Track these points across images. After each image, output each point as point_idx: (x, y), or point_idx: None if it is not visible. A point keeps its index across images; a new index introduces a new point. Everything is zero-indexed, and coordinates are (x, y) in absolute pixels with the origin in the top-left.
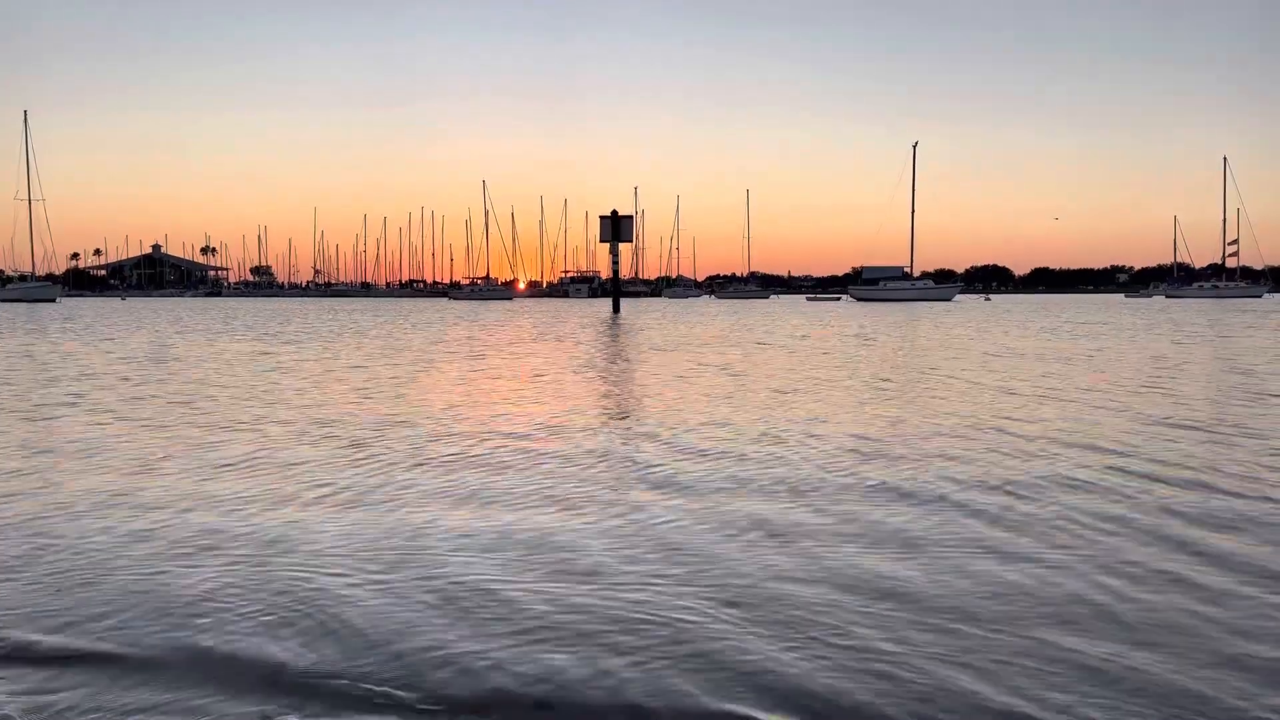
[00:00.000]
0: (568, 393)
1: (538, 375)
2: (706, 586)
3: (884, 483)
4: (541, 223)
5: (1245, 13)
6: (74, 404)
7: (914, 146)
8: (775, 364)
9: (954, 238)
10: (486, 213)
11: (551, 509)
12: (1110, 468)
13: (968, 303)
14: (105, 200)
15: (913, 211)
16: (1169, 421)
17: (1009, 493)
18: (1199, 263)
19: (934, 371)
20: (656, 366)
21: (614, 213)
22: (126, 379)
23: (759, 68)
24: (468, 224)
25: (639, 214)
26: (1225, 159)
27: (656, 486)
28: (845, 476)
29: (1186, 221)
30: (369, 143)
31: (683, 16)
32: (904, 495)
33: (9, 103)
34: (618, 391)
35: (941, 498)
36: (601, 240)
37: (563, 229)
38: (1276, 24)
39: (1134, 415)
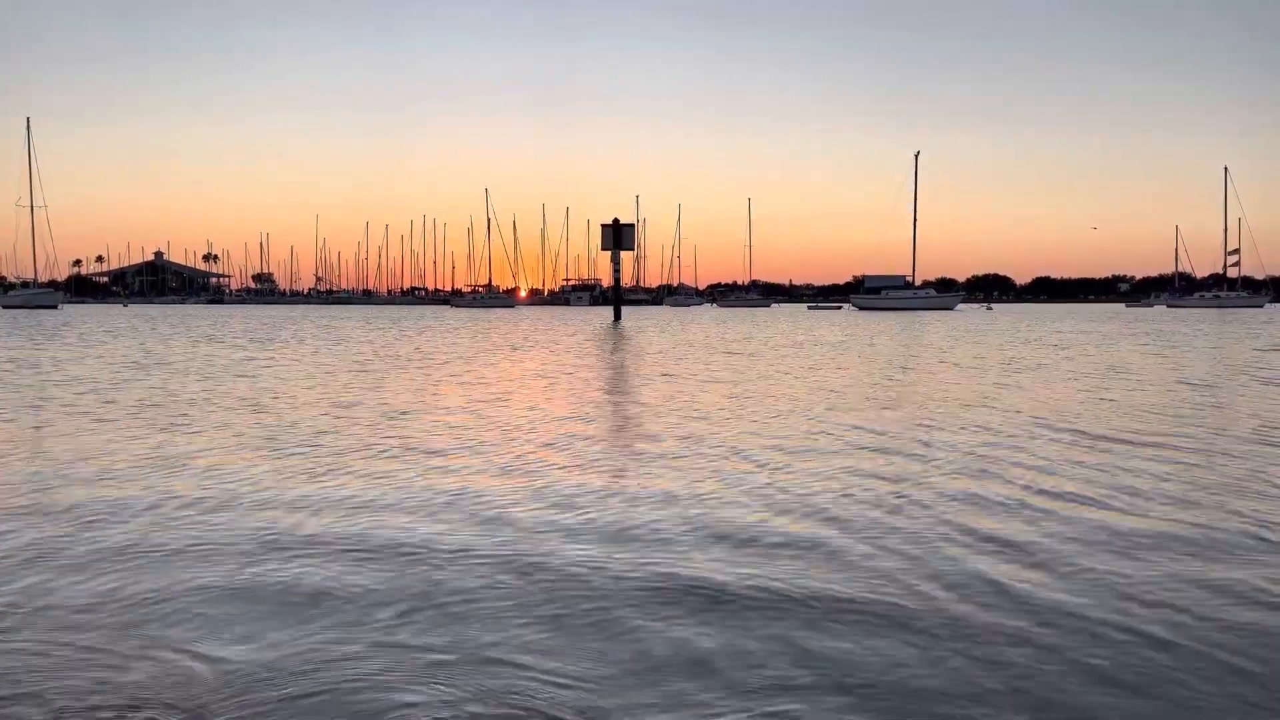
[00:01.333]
0: (519, 396)
1: (506, 381)
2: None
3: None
4: (543, 231)
5: (1246, 23)
6: (40, 406)
7: (916, 155)
8: (745, 371)
9: (956, 247)
10: (489, 220)
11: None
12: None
13: (969, 312)
14: (107, 207)
15: (914, 220)
16: (1073, 430)
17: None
18: (1200, 272)
19: (883, 382)
20: (621, 374)
21: (615, 221)
22: (94, 382)
23: (761, 76)
24: (469, 232)
25: (640, 222)
26: (1226, 169)
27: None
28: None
29: (1188, 231)
30: (372, 150)
31: (685, 25)
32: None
33: (11, 109)
34: (568, 399)
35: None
36: (603, 248)
37: (564, 237)
38: (1278, 34)
39: (1046, 426)
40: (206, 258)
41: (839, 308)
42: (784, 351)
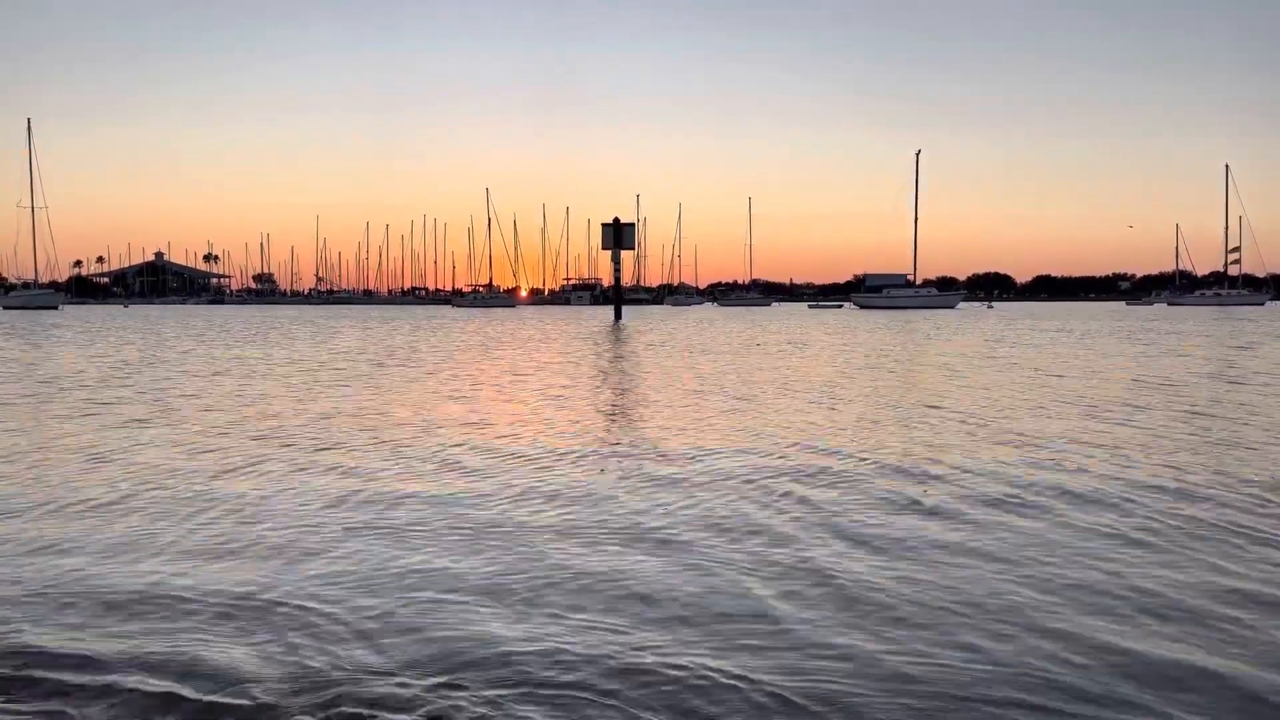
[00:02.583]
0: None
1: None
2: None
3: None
4: (544, 230)
5: (1246, 23)
6: (14, 404)
7: (917, 154)
8: (707, 371)
9: (956, 246)
10: (489, 220)
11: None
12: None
13: (970, 310)
14: (108, 208)
15: (915, 219)
16: (997, 430)
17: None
18: (1201, 270)
19: (837, 381)
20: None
21: (616, 220)
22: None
23: (761, 76)
24: (470, 231)
25: (641, 222)
26: (1227, 167)
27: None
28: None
29: (1189, 230)
30: (372, 150)
31: (685, 25)
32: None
33: (12, 110)
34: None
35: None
36: (604, 248)
37: (565, 236)
38: (1278, 33)
39: (978, 428)
40: (207, 258)
41: (840, 306)
42: (769, 350)
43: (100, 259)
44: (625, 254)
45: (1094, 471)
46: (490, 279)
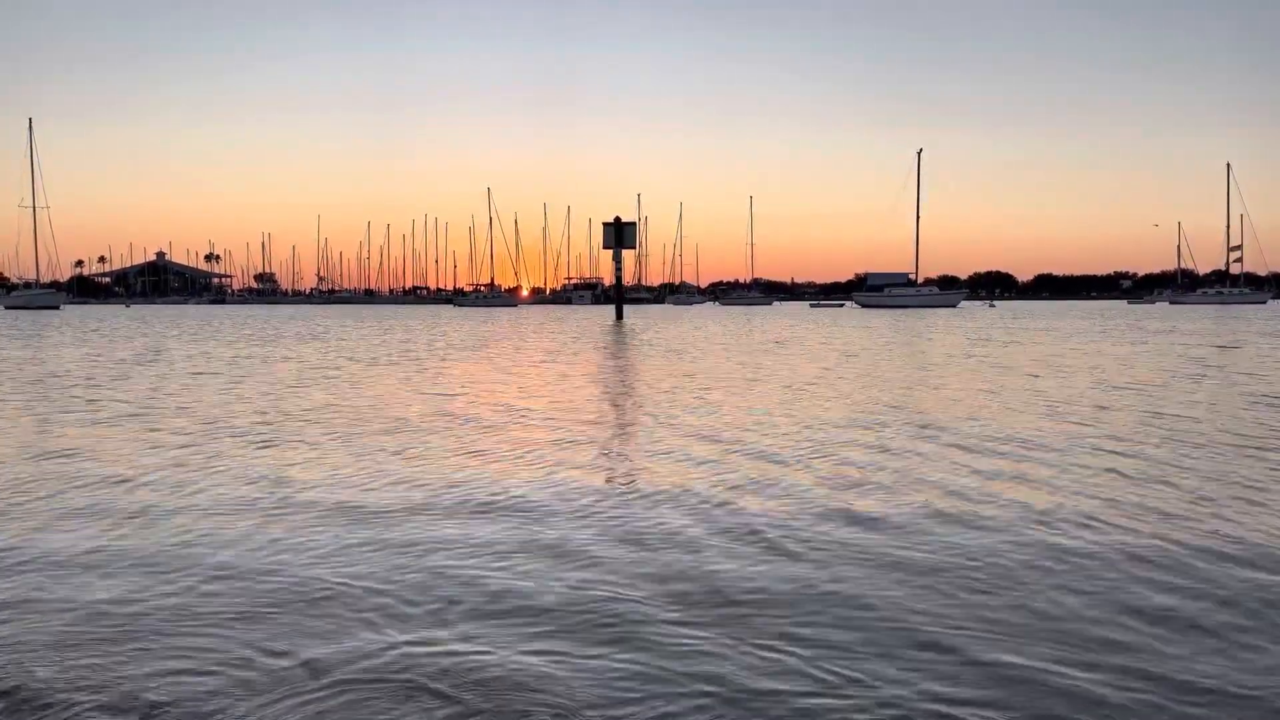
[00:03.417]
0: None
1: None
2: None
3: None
4: (545, 230)
5: (1247, 22)
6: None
7: (918, 153)
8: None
9: (958, 245)
10: (490, 220)
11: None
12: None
13: (971, 309)
14: (109, 208)
15: (917, 218)
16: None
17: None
18: (1202, 269)
19: (802, 379)
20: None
21: (617, 219)
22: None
23: (762, 75)
24: (471, 231)
25: (642, 221)
26: (1229, 165)
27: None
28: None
29: (1190, 228)
30: (373, 150)
31: (685, 25)
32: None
33: (13, 110)
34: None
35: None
36: (605, 247)
37: (566, 236)
38: (1278, 33)
39: (926, 427)
40: (208, 258)
41: (841, 305)
42: (753, 349)
43: (102, 259)
44: (626, 253)
45: (1037, 475)
46: (491, 278)
